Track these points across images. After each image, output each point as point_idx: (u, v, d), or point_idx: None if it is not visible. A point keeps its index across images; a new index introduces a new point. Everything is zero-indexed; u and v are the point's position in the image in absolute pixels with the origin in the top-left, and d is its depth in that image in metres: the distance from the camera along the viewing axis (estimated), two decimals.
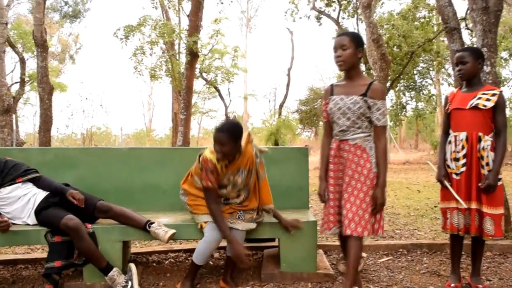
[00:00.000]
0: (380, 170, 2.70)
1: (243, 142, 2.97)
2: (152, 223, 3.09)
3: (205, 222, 3.02)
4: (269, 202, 3.12)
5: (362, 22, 13.47)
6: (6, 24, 10.12)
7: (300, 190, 3.69)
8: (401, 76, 14.97)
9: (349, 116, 2.73)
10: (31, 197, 3.14)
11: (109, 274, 2.96)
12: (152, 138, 33.09)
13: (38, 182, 3.20)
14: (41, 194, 3.16)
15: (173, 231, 3.06)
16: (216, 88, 17.66)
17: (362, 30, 18.34)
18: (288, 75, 20.42)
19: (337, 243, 4.21)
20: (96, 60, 55.60)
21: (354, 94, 2.73)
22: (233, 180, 2.98)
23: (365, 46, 3.13)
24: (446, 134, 3.07)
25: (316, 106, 16.98)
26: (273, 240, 3.98)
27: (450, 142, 2.99)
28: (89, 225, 3.09)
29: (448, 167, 2.99)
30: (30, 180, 3.19)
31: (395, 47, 14.16)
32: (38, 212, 3.08)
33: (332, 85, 2.90)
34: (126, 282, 2.93)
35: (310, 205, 3.86)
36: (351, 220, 2.64)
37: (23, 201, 3.13)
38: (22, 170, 3.20)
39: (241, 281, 3.26)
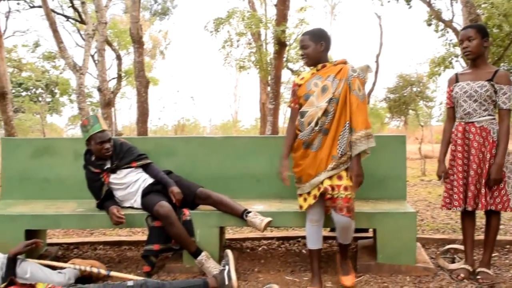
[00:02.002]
0: (499, 149, 2.88)
1: (335, 57, 3.00)
2: (249, 212, 3.14)
3: (300, 195, 2.92)
4: (356, 126, 2.77)
5: (457, 2, 12.58)
6: (106, 23, 10.86)
7: (397, 180, 3.54)
8: (502, 59, 13.76)
9: (476, 99, 2.92)
10: (141, 184, 3.33)
11: (198, 258, 3.08)
12: (238, 128, 33.83)
13: (147, 169, 3.38)
14: (148, 181, 3.34)
15: (269, 219, 3.08)
16: None
17: (457, 11, 17.20)
18: (377, 62, 19.66)
19: (436, 236, 4.04)
20: (184, 55, 57.88)
21: (480, 79, 2.95)
22: (322, 85, 2.86)
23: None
24: None
25: (405, 94, 16.16)
26: (366, 230, 3.89)
27: None
28: (187, 212, 3.21)
29: None
30: (141, 166, 3.39)
31: (494, 27, 13.02)
32: (142, 197, 3.27)
33: (456, 74, 3.11)
34: (224, 266, 3.01)
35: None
36: (483, 197, 2.88)
37: (134, 187, 3.33)
38: (136, 154, 3.39)
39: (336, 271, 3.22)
